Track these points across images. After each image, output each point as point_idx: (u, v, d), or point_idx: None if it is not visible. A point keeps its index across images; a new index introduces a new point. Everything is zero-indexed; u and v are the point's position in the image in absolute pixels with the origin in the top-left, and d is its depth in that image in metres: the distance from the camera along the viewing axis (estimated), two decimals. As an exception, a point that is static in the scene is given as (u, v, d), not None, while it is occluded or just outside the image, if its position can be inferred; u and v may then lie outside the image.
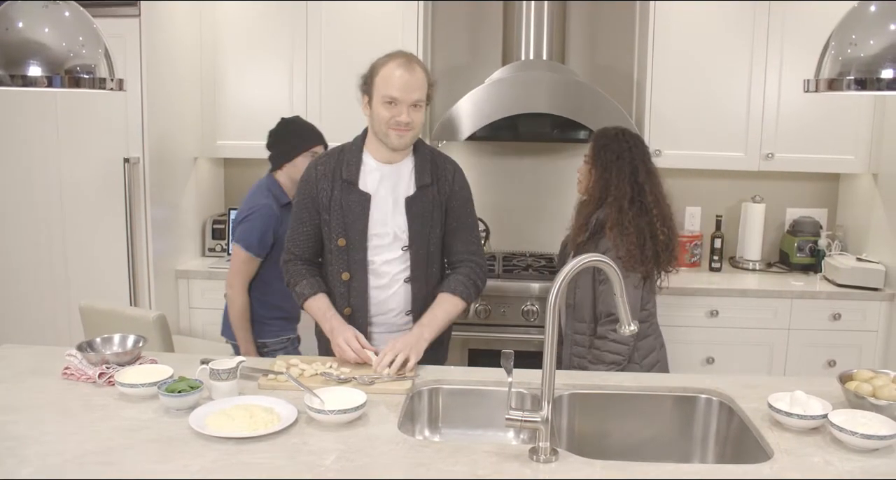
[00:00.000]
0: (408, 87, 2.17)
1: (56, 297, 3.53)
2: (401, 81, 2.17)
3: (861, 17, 1.61)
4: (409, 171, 2.33)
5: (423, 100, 2.22)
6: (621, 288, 1.75)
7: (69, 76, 1.77)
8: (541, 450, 1.65)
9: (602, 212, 2.50)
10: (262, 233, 2.87)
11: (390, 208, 2.30)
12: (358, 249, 2.30)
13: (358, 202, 2.30)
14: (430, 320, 2.27)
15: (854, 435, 1.67)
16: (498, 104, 3.42)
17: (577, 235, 2.54)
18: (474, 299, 2.39)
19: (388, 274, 2.33)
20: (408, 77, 2.17)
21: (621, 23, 3.89)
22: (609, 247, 2.44)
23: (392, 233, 2.30)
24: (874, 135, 3.52)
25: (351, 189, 2.30)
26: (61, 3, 1.80)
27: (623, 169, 2.49)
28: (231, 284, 2.93)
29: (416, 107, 2.21)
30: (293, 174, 2.91)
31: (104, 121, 3.38)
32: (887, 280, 3.40)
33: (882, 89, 1.53)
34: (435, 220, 2.33)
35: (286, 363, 2.13)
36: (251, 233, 2.87)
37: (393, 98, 2.18)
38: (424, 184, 2.31)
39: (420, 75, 2.20)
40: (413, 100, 2.19)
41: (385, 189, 2.31)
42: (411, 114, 2.20)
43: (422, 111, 2.24)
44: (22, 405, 1.87)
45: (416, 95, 2.19)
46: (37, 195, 3.49)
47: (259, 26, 3.70)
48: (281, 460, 1.61)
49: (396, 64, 2.19)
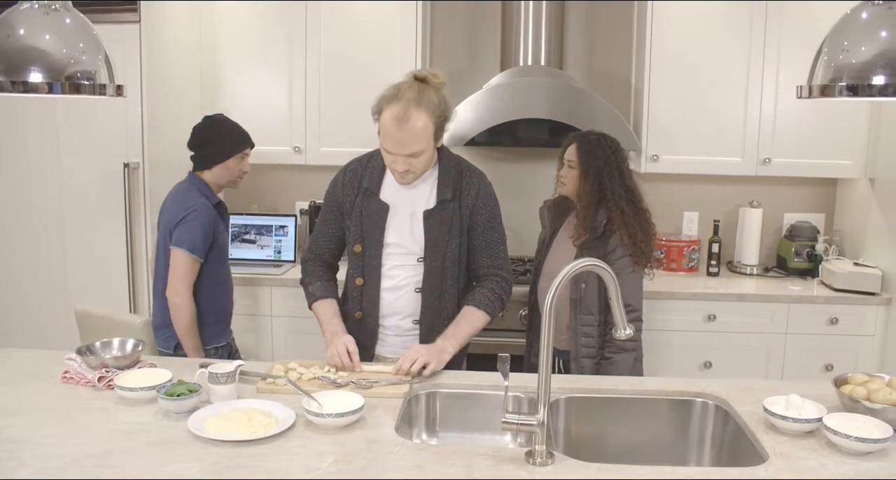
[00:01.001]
0: (400, 143, 2.13)
1: (56, 301, 3.54)
2: (393, 138, 2.13)
3: (853, 23, 1.62)
4: (432, 184, 2.32)
5: (420, 151, 2.16)
6: (616, 292, 1.76)
7: (70, 82, 1.79)
8: (537, 453, 1.66)
9: (602, 214, 2.62)
10: (204, 233, 2.76)
11: (407, 220, 2.31)
12: (373, 256, 2.32)
13: (376, 211, 2.31)
14: (454, 333, 2.27)
15: (848, 439, 1.68)
16: (497, 109, 3.43)
17: (581, 236, 2.64)
18: (498, 313, 2.39)
19: (400, 279, 2.34)
20: (399, 134, 2.12)
21: (619, 29, 3.91)
22: (618, 246, 2.59)
23: (407, 244, 2.31)
24: (871, 140, 3.54)
25: (371, 198, 2.32)
26: (62, 10, 1.82)
27: (612, 173, 2.64)
28: (177, 291, 2.74)
29: (414, 157, 2.17)
30: (223, 176, 2.88)
31: (104, 126, 3.40)
32: (884, 284, 3.41)
33: (874, 95, 1.54)
34: (452, 235, 2.31)
35: (284, 367, 2.14)
36: (194, 235, 2.74)
37: (387, 150, 2.17)
38: (445, 199, 2.29)
39: (416, 127, 2.12)
40: (407, 154, 2.15)
41: (404, 200, 2.32)
42: (408, 162, 2.18)
43: (423, 156, 2.18)
44: (21, 408, 1.88)
45: (409, 149, 2.14)
46: (37, 199, 3.50)
47: (258, 29, 3.72)
48: (279, 463, 1.62)
49: (392, 116, 2.12)
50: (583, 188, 2.65)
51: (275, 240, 3.90)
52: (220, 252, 2.88)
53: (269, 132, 3.77)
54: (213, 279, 2.86)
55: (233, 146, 2.88)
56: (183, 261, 2.73)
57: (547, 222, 2.92)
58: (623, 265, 2.57)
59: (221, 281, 2.93)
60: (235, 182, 2.94)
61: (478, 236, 2.37)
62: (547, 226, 2.90)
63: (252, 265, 3.78)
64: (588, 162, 2.65)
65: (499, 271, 2.39)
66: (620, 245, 2.58)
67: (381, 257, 2.32)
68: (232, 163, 2.87)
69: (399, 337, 2.38)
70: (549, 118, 3.42)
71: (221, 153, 2.86)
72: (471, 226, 2.35)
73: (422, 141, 2.15)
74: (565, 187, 2.74)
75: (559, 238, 2.81)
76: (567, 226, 2.77)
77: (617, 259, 2.57)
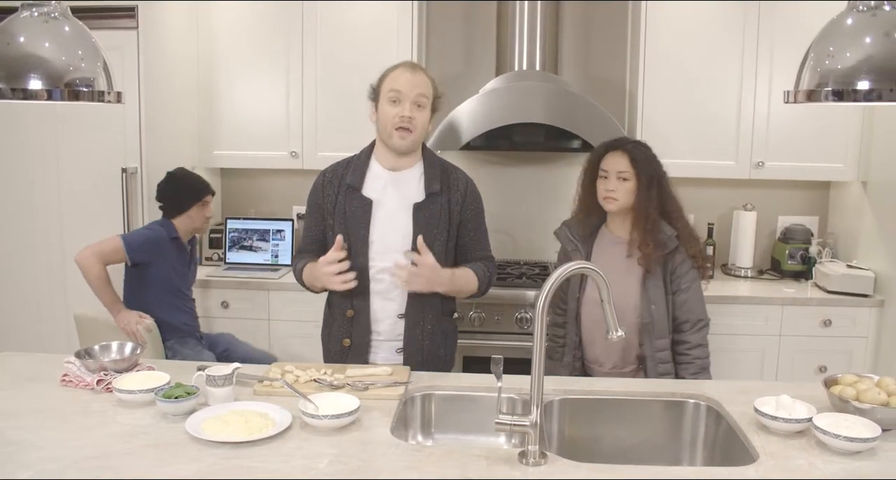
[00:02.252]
0: (412, 83, 2.29)
1: (55, 305, 3.56)
2: (404, 77, 2.29)
3: (838, 29, 1.65)
4: (418, 178, 2.37)
5: (426, 100, 2.30)
6: (609, 295, 1.78)
7: (69, 89, 1.81)
8: (530, 454, 1.68)
9: (668, 227, 2.47)
10: (145, 240, 3.08)
11: (395, 213, 2.34)
12: (359, 254, 2.34)
13: (360, 207, 2.34)
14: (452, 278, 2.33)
15: (838, 438, 1.70)
16: (493, 113, 3.46)
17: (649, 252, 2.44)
18: (484, 291, 2.46)
19: (387, 281, 2.35)
20: (411, 76, 2.30)
21: (613, 33, 3.94)
22: (685, 258, 2.48)
23: (393, 239, 2.33)
24: (863, 143, 3.56)
25: (354, 194, 2.35)
26: (61, 18, 1.84)
27: (665, 182, 2.51)
28: (85, 255, 2.99)
29: (419, 106, 2.29)
30: (188, 223, 3.22)
31: (102, 131, 3.42)
32: (877, 286, 3.44)
33: (858, 100, 1.57)
34: (440, 229, 2.35)
35: (281, 369, 2.16)
36: (137, 235, 3.12)
37: (398, 92, 2.27)
38: (434, 192, 2.35)
39: (425, 78, 2.32)
40: (416, 96, 2.28)
41: (390, 195, 2.35)
42: (414, 111, 2.28)
43: (425, 113, 2.32)
44: (21, 411, 1.90)
45: (419, 91, 2.29)
46: (36, 204, 3.52)
47: (254, 35, 3.74)
48: (276, 464, 1.64)
49: (403, 67, 2.33)
50: (643, 201, 2.45)
51: (272, 245, 3.92)
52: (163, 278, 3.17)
53: (266, 136, 3.79)
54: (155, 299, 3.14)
55: (190, 198, 3.20)
56: (112, 242, 3.03)
57: (578, 245, 2.58)
58: (692, 277, 2.49)
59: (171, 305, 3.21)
60: (200, 228, 3.30)
61: (470, 231, 2.42)
62: (579, 250, 2.57)
63: (249, 269, 3.80)
64: (645, 171, 2.46)
65: (489, 260, 2.49)
66: (688, 257, 2.48)
67: (368, 255, 2.34)
68: (193, 213, 3.21)
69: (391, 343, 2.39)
70: (544, 122, 3.44)
71: (181, 206, 3.20)
72: (462, 221, 2.39)
73: (428, 90, 2.32)
74: (616, 202, 2.47)
75: (599, 260, 2.53)
76: (610, 245, 2.55)
77: (686, 272, 2.47)
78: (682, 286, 2.49)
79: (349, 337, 2.39)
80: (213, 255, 3.95)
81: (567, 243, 2.61)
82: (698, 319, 2.50)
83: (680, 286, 2.48)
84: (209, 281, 3.64)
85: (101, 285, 3.00)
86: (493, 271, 2.48)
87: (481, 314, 3.45)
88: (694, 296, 2.50)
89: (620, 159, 2.47)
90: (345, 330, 2.40)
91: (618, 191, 2.46)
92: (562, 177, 3.99)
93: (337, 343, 2.42)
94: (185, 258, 3.27)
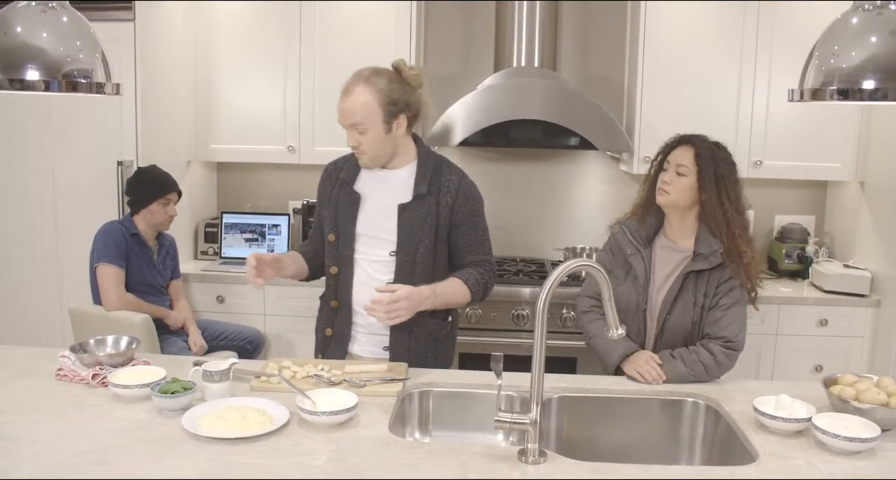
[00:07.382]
0: (344, 114, 2.21)
1: (49, 299, 3.54)
2: (340, 107, 2.22)
3: (843, 28, 1.64)
4: (410, 179, 2.33)
5: (364, 125, 2.19)
6: (609, 293, 1.77)
7: (67, 81, 1.79)
8: (529, 452, 1.67)
9: (714, 240, 2.28)
10: (112, 241, 3.12)
11: (382, 211, 2.33)
12: (346, 246, 2.34)
13: (349, 201, 2.35)
14: (441, 292, 2.27)
15: (837, 438, 1.70)
16: (490, 110, 3.45)
17: (692, 262, 2.29)
18: (481, 298, 2.40)
19: (371, 275, 2.34)
20: (342, 105, 2.21)
21: (612, 31, 3.93)
22: (732, 275, 2.28)
23: (379, 236, 2.33)
24: (861, 143, 3.57)
25: (346, 188, 2.37)
26: (59, 8, 1.82)
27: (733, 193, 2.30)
28: (111, 304, 3.07)
29: (360, 132, 2.21)
30: (150, 219, 3.24)
31: (98, 124, 3.40)
32: (873, 286, 3.44)
33: (864, 99, 1.56)
34: (426, 232, 2.31)
35: (278, 365, 2.15)
36: (103, 246, 3.12)
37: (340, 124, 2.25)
38: (420, 194, 2.31)
39: (356, 100, 2.18)
40: (350, 126, 2.21)
41: (379, 193, 2.34)
42: (356, 137, 2.22)
43: (370, 133, 2.21)
44: (16, 406, 1.88)
45: (352, 121, 2.20)
46: (31, 197, 3.50)
47: (252, 28, 3.72)
48: (273, 460, 1.63)
49: (343, 92, 2.22)
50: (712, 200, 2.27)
51: (268, 239, 3.90)
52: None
53: (263, 131, 3.78)
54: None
55: (153, 193, 3.22)
56: (105, 273, 3.08)
57: (639, 248, 2.37)
58: (737, 296, 2.26)
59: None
60: (162, 224, 3.29)
61: (462, 234, 2.37)
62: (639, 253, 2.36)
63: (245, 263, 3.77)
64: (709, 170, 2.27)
65: (484, 264, 2.41)
66: (735, 275, 2.26)
67: (354, 248, 2.34)
68: (155, 208, 3.23)
69: (374, 337, 2.37)
70: (541, 119, 3.44)
71: (144, 200, 3.22)
72: (453, 224, 2.35)
73: (361, 114, 2.19)
74: (668, 196, 2.29)
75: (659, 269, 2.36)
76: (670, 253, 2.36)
77: (732, 288, 2.25)
78: (721, 302, 2.25)
79: (331, 327, 2.41)
80: (209, 249, 3.93)
81: (626, 245, 2.39)
82: (725, 338, 2.23)
83: (718, 302, 2.26)
84: (204, 276, 3.62)
85: (142, 307, 3.12)
86: (489, 276, 2.40)
87: (478, 311, 3.45)
88: (729, 317, 2.25)
89: (685, 153, 2.30)
90: (328, 319, 2.42)
91: (672, 185, 2.29)
92: (559, 174, 3.98)
93: (321, 332, 2.45)
94: (148, 253, 3.27)
